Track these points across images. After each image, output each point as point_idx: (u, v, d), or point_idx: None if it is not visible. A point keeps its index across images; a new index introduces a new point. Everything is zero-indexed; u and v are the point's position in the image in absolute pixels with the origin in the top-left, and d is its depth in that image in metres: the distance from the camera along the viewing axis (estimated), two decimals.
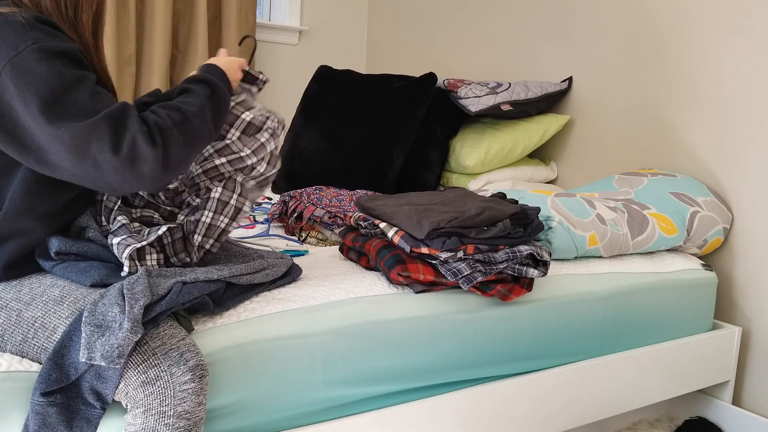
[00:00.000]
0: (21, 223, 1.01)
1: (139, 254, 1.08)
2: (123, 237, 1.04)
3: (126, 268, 1.03)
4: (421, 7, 3.01)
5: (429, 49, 2.98)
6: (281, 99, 3.22)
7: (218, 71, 1.11)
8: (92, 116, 0.91)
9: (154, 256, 1.09)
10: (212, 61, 1.15)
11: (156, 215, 1.20)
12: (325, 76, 2.52)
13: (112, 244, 1.05)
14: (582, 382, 1.48)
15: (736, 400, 1.88)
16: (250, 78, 1.24)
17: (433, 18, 2.95)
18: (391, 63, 3.24)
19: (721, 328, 1.81)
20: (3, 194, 1.01)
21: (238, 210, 1.19)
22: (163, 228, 1.10)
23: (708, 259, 1.92)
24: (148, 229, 1.11)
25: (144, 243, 1.06)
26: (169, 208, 1.23)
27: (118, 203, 1.13)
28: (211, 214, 1.17)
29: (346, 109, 2.36)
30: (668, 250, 1.80)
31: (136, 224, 1.14)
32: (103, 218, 1.11)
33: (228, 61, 1.17)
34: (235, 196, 1.19)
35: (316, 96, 2.47)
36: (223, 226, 1.18)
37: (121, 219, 1.09)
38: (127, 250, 1.02)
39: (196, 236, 1.16)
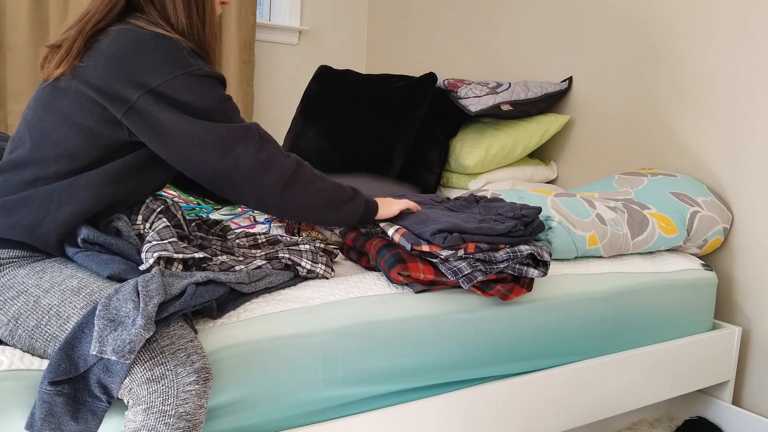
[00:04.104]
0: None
1: (167, 259, 1.10)
2: (168, 241, 1.09)
3: (148, 265, 1.05)
4: (421, 7, 3.01)
5: (429, 49, 2.98)
6: (281, 99, 3.22)
7: (374, 204, 1.31)
8: (243, 123, 1.12)
9: (180, 266, 1.11)
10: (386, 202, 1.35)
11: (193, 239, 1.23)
12: (325, 76, 2.52)
13: (147, 240, 1.07)
14: (582, 382, 1.48)
15: (736, 400, 1.88)
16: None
17: (433, 18, 2.95)
18: (391, 63, 3.24)
19: (721, 328, 1.81)
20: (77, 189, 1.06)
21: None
22: (200, 254, 1.14)
23: (708, 259, 1.92)
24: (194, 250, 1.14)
25: (179, 256, 1.08)
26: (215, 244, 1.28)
27: (161, 207, 1.16)
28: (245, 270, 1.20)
29: (346, 109, 2.36)
30: (668, 250, 1.81)
31: (178, 230, 1.18)
32: (140, 217, 1.14)
33: (393, 203, 1.36)
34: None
35: (316, 96, 2.47)
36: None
37: (165, 220, 1.13)
38: (158, 253, 1.05)
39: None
